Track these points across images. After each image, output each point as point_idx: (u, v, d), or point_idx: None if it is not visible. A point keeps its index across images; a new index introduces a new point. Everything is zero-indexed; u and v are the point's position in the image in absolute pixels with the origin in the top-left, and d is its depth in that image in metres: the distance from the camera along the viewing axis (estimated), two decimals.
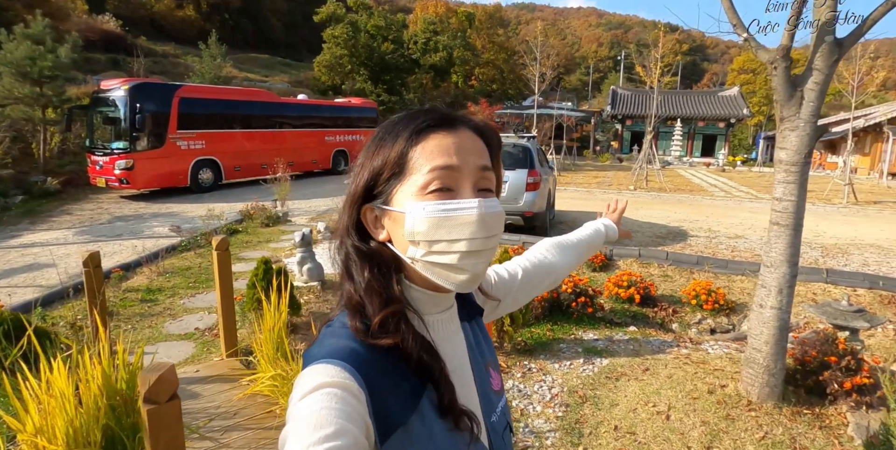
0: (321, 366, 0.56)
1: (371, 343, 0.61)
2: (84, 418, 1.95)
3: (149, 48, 26.27)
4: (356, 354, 0.59)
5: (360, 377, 0.56)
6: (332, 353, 0.58)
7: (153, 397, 1.47)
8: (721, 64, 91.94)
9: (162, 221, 8.76)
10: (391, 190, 0.65)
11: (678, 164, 28.23)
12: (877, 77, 17.68)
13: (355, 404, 0.52)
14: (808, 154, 2.78)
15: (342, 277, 0.69)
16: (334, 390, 0.52)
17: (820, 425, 2.90)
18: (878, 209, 13.01)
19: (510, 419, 0.81)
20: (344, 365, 0.56)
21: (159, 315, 4.58)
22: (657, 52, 17.17)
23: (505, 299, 0.94)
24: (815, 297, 5.30)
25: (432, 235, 0.63)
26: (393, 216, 0.66)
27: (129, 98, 10.63)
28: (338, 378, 0.54)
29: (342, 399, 0.52)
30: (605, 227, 1.22)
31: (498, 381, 0.80)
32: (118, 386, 2.11)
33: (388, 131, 0.67)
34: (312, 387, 0.53)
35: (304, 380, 0.55)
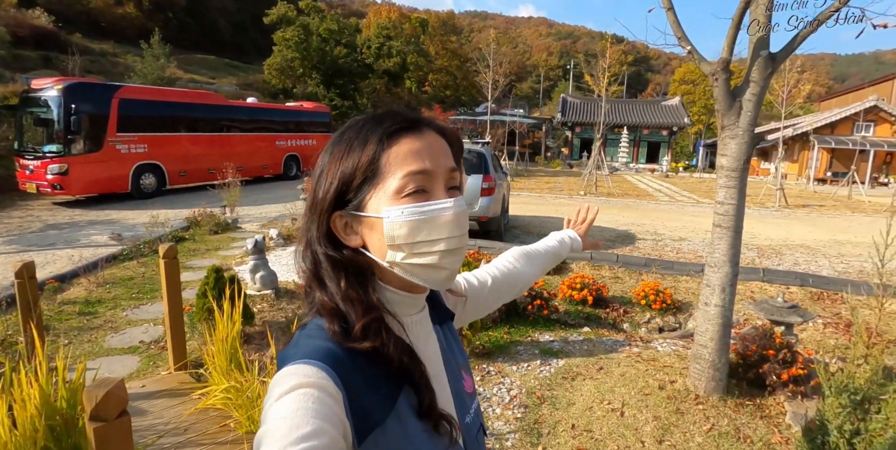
0: (297, 366, 0.55)
1: (349, 347, 0.60)
2: (20, 440, 1.81)
3: (84, 46, 24.88)
4: (333, 354, 0.58)
5: (337, 377, 0.56)
6: (308, 353, 0.58)
7: (101, 415, 1.39)
8: (664, 75, 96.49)
9: (100, 229, 8.29)
10: (364, 196, 0.64)
11: (625, 170, 29.34)
12: (803, 90, 19.02)
13: (332, 405, 0.52)
14: (746, 160, 2.96)
15: (311, 285, 0.67)
16: (311, 390, 0.52)
17: (761, 415, 3.08)
18: (806, 212, 13.98)
19: (483, 420, 0.82)
20: (320, 365, 0.56)
21: (100, 328, 4.32)
22: (604, 62, 17.84)
23: (475, 306, 0.96)
24: (754, 295, 5.62)
25: (413, 238, 0.63)
26: (368, 222, 0.65)
27: (64, 98, 10.03)
28: (314, 378, 0.53)
29: (319, 399, 0.51)
30: (570, 239, 1.24)
31: (470, 383, 0.80)
32: (58, 405, 1.97)
33: (354, 136, 0.66)
34: (289, 387, 0.52)
35: (280, 381, 0.54)
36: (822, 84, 71.83)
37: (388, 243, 0.64)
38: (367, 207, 0.64)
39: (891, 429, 1.58)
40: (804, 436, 1.92)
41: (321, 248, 0.66)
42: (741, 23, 2.76)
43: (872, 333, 1.91)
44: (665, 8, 3.03)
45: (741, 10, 2.81)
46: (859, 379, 1.72)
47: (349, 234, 0.67)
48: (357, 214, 0.65)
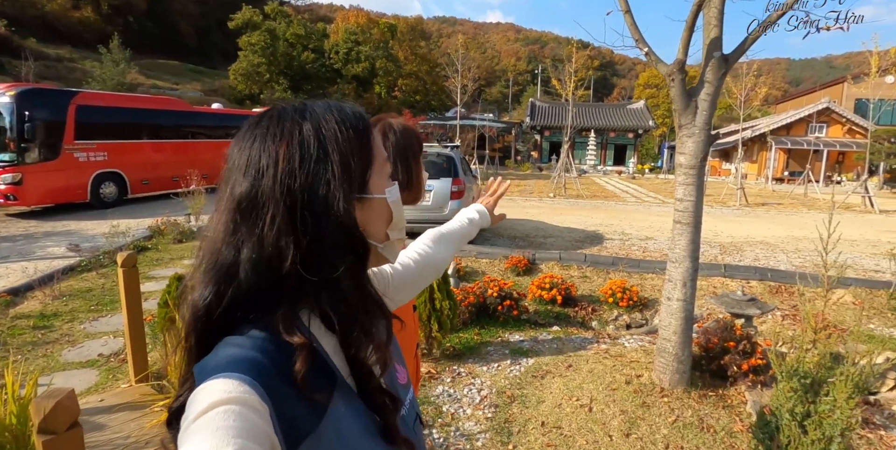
0: (217, 381, 0.51)
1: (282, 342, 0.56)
2: None
3: (39, 51, 24.01)
4: (256, 363, 0.54)
5: (262, 389, 0.52)
6: (229, 365, 0.53)
7: (50, 427, 1.33)
8: (629, 79, 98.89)
9: (57, 241, 7.98)
10: (368, 178, 0.65)
11: (593, 172, 29.91)
12: (760, 92, 19.78)
13: (256, 420, 0.48)
14: (703, 158, 3.06)
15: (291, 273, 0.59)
16: (232, 407, 0.48)
17: (723, 405, 3.17)
18: (765, 210, 14.50)
19: (419, 411, 0.82)
20: (242, 378, 0.51)
21: (55, 342, 4.15)
22: (571, 67, 18.18)
23: (398, 292, 0.98)
24: (715, 290, 5.79)
25: (400, 214, 0.69)
26: (370, 204, 0.65)
27: (17, 105, 9.64)
28: (235, 393, 0.49)
29: (241, 416, 0.48)
30: (479, 214, 1.26)
31: (404, 374, 0.80)
32: (7, 421, 1.89)
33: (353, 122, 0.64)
34: (207, 405, 0.48)
35: (199, 398, 0.50)
36: (778, 87, 74.85)
37: (396, 220, 0.68)
38: (373, 189, 0.65)
39: (838, 410, 1.65)
40: (758, 420, 1.99)
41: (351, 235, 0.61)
42: (694, 25, 2.86)
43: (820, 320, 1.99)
44: (622, 11, 3.11)
45: (694, 14, 2.91)
46: (808, 364, 1.80)
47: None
48: (366, 197, 0.65)
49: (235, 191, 0.59)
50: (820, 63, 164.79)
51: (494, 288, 4.78)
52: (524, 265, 6.31)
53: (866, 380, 1.64)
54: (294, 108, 0.64)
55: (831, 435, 1.62)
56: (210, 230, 0.61)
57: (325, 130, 0.62)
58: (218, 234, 0.59)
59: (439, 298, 3.69)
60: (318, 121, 0.62)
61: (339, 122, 0.63)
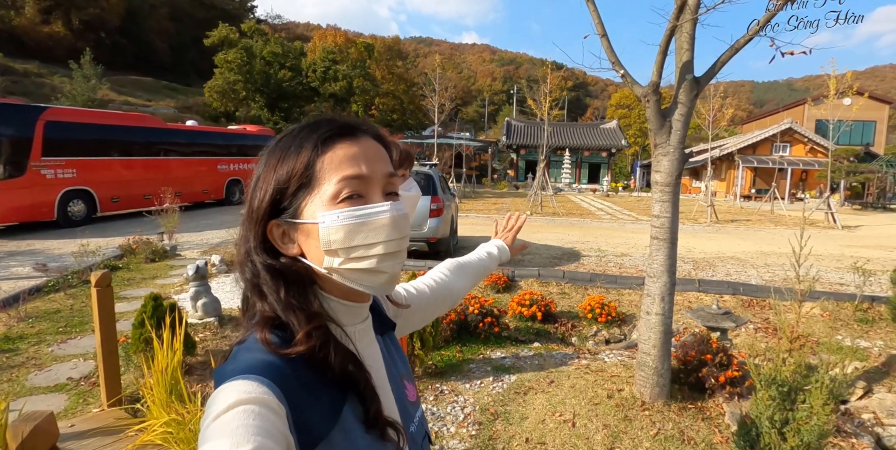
0: (236, 383, 0.53)
1: (284, 354, 0.59)
2: None
3: (6, 66, 23.46)
4: (273, 367, 0.56)
5: (280, 391, 0.54)
6: (248, 368, 0.56)
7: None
8: (601, 99, 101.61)
9: (22, 260, 7.69)
10: (299, 203, 0.64)
11: (568, 190, 30.42)
12: (727, 113, 20.56)
13: (274, 420, 0.50)
14: (678, 176, 3.17)
15: (252, 297, 0.66)
16: (251, 407, 0.50)
17: (703, 417, 3.22)
18: (735, 227, 14.94)
19: (428, 429, 0.82)
20: (261, 379, 0.54)
21: (21, 366, 3.98)
22: (546, 88, 18.63)
23: (413, 316, 0.97)
24: (691, 304, 5.91)
25: (350, 242, 0.63)
26: (305, 229, 0.64)
27: None
28: (255, 394, 0.52)
29: (260, 415, 0.49)
30: (498, 249, 1.26)
31: (413, 392, 0.80)
32: None
33: (289, 142, 0.66)
34: (227, 405, 0.50)
35: (219, 398, 0.52)
36: (744, 109, 77.92)
37: (325, 249, 0.64)
38: (303, 214, 0.64)
39: (815, 416, 1.70)
40: (739, 429, 2.03)
41: (259, 257, 0.65)
42: (668, 49, 2.99)
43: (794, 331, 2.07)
44: (599, 34, 3.24)
45: (667, 38, 3.05)
46: (785, 372, 1.86)
47: (286, 242, 0.66)
48: (293, 222, 0.64)
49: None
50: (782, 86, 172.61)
51: (475, 305, 4.79)
52: (504, 282, 6.34)
53: (839, 387, 1.71)
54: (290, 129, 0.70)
55: (809, 441, 1.66)
56: None
57: (270, 153, 0.67)
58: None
59: None
60: (276, 142, 0.68)
61: (284, 143, 0.67)
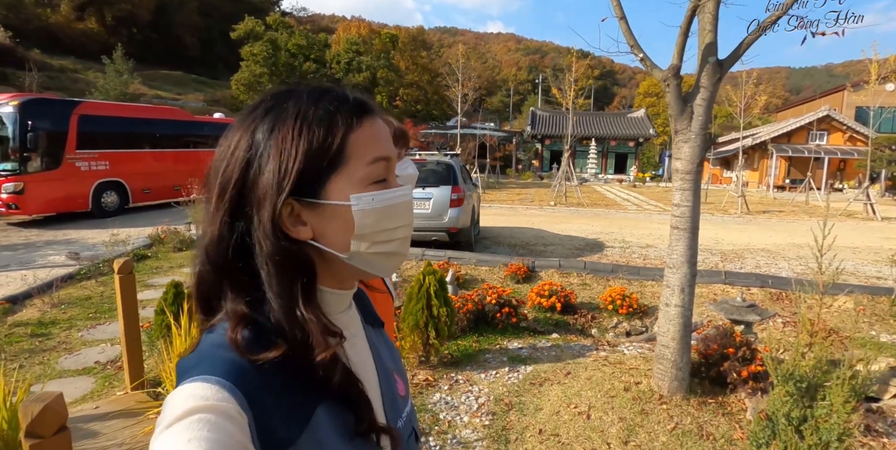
0: (194, 385, 0.49)
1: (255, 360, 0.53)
2: None
3: (43, 62, 24.26)
4: (238, 367, 0.51)
5: (242, 396, 0.49)
6: (209, 367, 0.51)
7: (37, 431, 1.32)
8: (629, 88, 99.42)
9: (58, 249, 7.98)
10: (325, 181, 0.58)
11: (594, 180, 29.95)
12: (760, 101, 19.85)
13: (233, 431, 0.46)
14: (700, 163, 3.06)
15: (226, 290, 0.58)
16: (207, 416, 0.46)
17: (723, 412, 3.14)
18: (767, 218, 14.47)
19: (416, 425, 0.78)
20: (222, 383, 0.49)
21: (52, 350, 4.14)
22: (571, 77, 18.29)
23: None
24: (716, 297, 5.76)
25: (380, 226, 0.61)
26: (327, 210, 0.58)
27: (19, 115, 9.70)
28: (212, 401, 0.47)
29: (216, 426, 0.45)
30: None
31: (403, 386, 0.76)
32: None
33: (308, 111, 0.59)
34: (182, 413, 0.46)
35: (174, 402, 0.47)
36: (779, 96, 75.11)
37: (359, 232, 0.59)
38: (330, 195, 0.58)
39: (835, 414, 1.63)
40: (755, 426, 1.96)
41: (273, 239, 0.56)
42: (689, 30, 2.88)
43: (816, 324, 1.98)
44: (617, 17, 3.14)
45: (688, 19, 2.93)
46: (804, 367, 1.78)
47: (297, 225, 0.59)
48: (316, 202, 0.58)
49: (212, 178, 0.60)
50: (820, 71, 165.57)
51: (493, 295, 4.77)
52: (524, 273, 6.29)
53: (864, 384, 1.63)
54: (275, 95, 0.61)
55: (828, 440, 1.59)
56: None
57: (278, 124, 0.58)
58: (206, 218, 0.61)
59: (436, 305, 3.67)
60: (280, 112, 0.58)
61: (298, 115, 0.58)
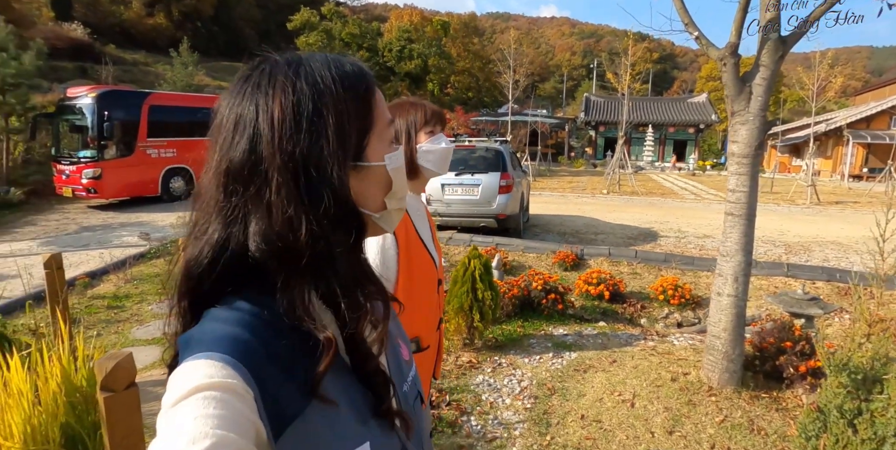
0: (199, 362, 0.47)
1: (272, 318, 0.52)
2: (42, 416, 1.92)
3: (118, 56, 25.81)
4: (243, 342, 0.50)
5: (247, 371, 0.48)
6: (212, 343, 0.49)
7: (110, 385, 1.47)
8: (690, 72, 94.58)
9: (131, 231, 8.59)
10: (365, 144, 0.59)
11: (650, 168, 28.87)
12: (836, 83, 18.42)
13: (239, 407, 0.45)
14: (758, 146, 2.91)
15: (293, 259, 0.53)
16: (213, 393, 0.45)
17: (777, 408, 3.02)
18: (839, 209, 13.52)
19: (421, 389, 0.77)
20: (226, 359, 0.47)
21: (126, 321, 4.50)
22: (628, 60, 17.63)
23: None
24: (777, 289, 5.48)
25: (403, 182, 0.64)
26: (368, 172, 0.59)
27: (97, 106, 10.43)
28: (217, 378, 0.46)
29: (223, 403, 0.44)
30: None
31: (407, 351, 0.77)
32: (78, 383, 2.08)
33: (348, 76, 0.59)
34: (187, 391, 0.45)
35: (179, 380, 0.46)
36: (859, 78, 69.32)
37: (396, 189, 0.62)
38: (369, 156, 0.60)
39: (892, 408, 1.53)
40: (805, 418, 1.88)
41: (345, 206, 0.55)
42: (748, 5, 2.73)
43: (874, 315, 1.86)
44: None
45: None
46: (861, 358, 1.68)
47: None
48: (362, 165, 0.59)
49: (231, 154, 0.54)
50: None
51: (539, 281, 4.75)
52: (572, 260, 6.21)
53: None
54: (288, 62, 0.58)
55: (884, 435, 1.50)
56: (203, 194, 0.56)
57: (320, 89, 0.56)
58: (212, 199, 0.55)
59: (481, 289, 3.71)
60: (313, 77, 0.56)
61: (336, 80, 0.57)
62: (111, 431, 1.50)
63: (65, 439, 1.99)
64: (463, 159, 8.06)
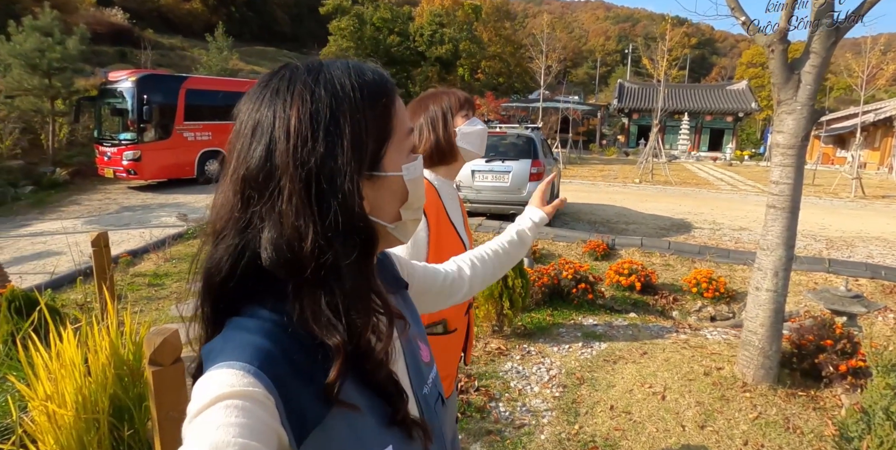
0: (221, 372, 0.48)
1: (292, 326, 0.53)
2: (92, 386, 2.02)
3: (156, 41, 26.34)
4: (263, 351, 0.50)
5: (269, 380, 0.49)
6: (234, 353, 0.50)
7: (158, 359, 1.53)
8: (730, 58, 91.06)
9: (169, 212, 8.86)
10: (384, 152, 0.59)
11: (685, 158, 28.09)
12: (887, 70, 17.47)
13: (261, 415, 0.46)
14: (804, 137, 2.80)
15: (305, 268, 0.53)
16: (235, 402, 0.46)
17: (814, 407, 2.94)
18: (886, 203, 12.93)
19: (441, 390, 0.77)
20: (247, 368, 0.48)
21: (166, 299, 4.67)
22: (665, 46, 17.08)
23: (426, 294, 0.92)
24: (816, 286, 5.31)
25: (420, 193, 0.63)
26: (384, 182, 0.59)
27: (137, 89, 10.70)
28: (239, 387, 0.47)
29: (245, 411, 0.45)
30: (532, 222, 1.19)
31: (427, 352, 0.75)
32: (126, 357, 2.17)
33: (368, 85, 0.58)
34: (210, 400, 0.46)
35: (202, 390, 0.47)
36: None
37: (412, 200, 0.62)
38: (386, 166, 0.59)
39: None
40: (848, 418, 1.83)
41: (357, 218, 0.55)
42: None
43: None
44: None
45: None
46: None
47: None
48: (377, 175, 0.58)
49: (248, 159, 0.54)
50: None
51: (569, 270, 4.71)
52: (602, 250, 6.13)
53: None
54: (308, 69, 0.58)
55: None
56: (219, 199, 0.57)
57: (339, 97, 0.55)
58: (228, 205, 0.55)
59: (511, 276, 3.70)
60: (333, 85, 0.56)
61: (355, 87, 0.57)
62: (159, 403, 1.56)
63: (112, 409, 2.09)
64: (494, 146, 8.00)
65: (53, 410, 1.87)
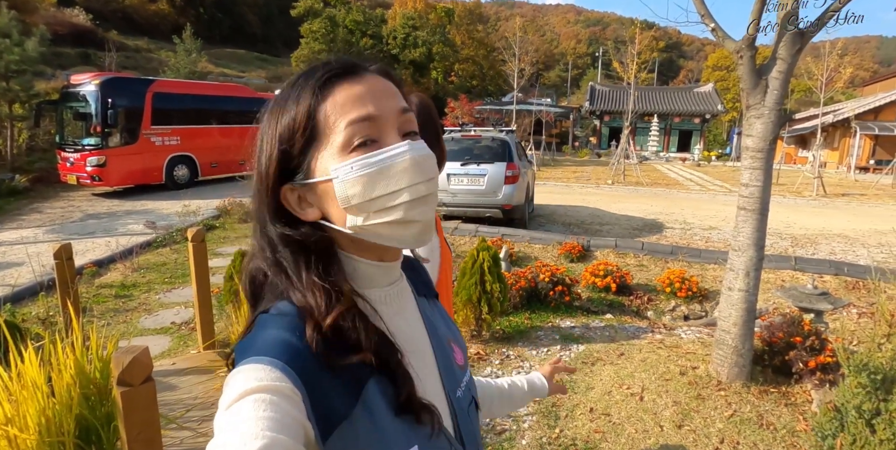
0: (250, 366, 0.50)
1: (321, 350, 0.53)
2: (57, 407, 1.92)
3: (120, 43, 25.64)
4: (290, 347, 0.52)
5: (295, 374, 0.50)
6: (262, 348, 0.52)
7: (127, 380, 1.46)
8: (696, 61, 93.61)
9: (136, 219, 8.59)
10: (309, 160, 0.57)
11: (655, 159, 28.70)
12: (844, 74, 18.18)
13: (289, 409, 0.47)
14: (772, 141, 2.88)
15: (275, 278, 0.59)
16: (263, 396, 0.47)
17: (786, 403, 3.02)
18: (846, 201, 13.44)
19: (476, 394, 0.77)
20: (275, 363, 0.50)
21: (134, 310, 4.52)
22: (634, 49, 17.42)
23: None
24: (784, 283, 5.46)
25: (370, 194, 0.56)
26: (320, 189, 0.57)
27: (101, 93, 10.37)
28: (266, 381, 0.48)
29: (273, 405, 0.47)
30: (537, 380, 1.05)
31: (461, 356, 0.75)
32: (92, 375, 2.08)
33: (286, 95, 0.58)
34: (239, 394, 0.47)
35: (232, 384, 0.49)
36: (867, 68, 68.56)
37: (344, 206, 0.56)
38: (316, 172, 0.57)
39: None
40: (822, 417, 1.88)
41: (275, 228, 0.59)
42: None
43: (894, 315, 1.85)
44: None
45: None
46: (880, 359, 1.67)
47: (304, 207, 0.59)
48: (307, 183, 0.57)
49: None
50: None
51: (546, 273, 4.74)
52: (578, 252, 6.20)
53: None
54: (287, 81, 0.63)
55: None
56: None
57: (266, 111, 0.61)
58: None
59: (490, 281, 3.70)
60: (282, 93, 0.60)
61: (276, 100, 0.60)
62: (128, 425, 1.50)
63: (79, 430, 2.00)
64: (468, 149, 8.01)
65: (15, 434, 1.77)
